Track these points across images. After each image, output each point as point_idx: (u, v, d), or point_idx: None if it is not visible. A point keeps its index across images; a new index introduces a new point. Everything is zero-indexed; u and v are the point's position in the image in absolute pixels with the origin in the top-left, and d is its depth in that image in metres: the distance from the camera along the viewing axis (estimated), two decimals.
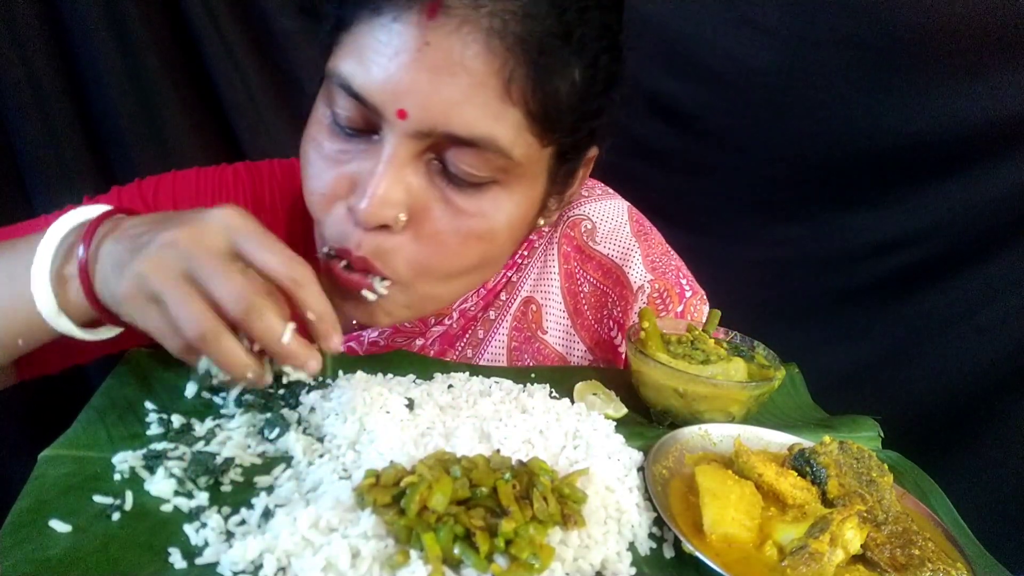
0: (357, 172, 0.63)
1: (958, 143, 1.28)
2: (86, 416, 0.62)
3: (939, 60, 1.23)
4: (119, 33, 1.11)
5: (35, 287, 0.57)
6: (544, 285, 0.87)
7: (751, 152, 1.37)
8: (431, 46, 0.57)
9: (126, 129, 1.16)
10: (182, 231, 0.53)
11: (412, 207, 0.63)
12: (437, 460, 0.54)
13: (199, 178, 0.85)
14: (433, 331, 0.86)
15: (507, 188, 0.65)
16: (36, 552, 0.47)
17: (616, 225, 0.89)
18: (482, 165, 0.62)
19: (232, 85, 1.21)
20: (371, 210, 0.61)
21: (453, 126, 0.59)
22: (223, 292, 0.52)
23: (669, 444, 0.66)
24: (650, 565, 0.54)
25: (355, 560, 0.47)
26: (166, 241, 0.53)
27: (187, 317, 0.52)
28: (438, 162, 0.63)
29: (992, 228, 1.32)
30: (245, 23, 1.19)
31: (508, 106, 0.59)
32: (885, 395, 1.44)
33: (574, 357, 0.88)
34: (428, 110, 0.59)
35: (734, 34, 1.27)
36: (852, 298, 1.45)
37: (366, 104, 0.60)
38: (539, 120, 0.61)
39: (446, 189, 0.64)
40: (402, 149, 0.61)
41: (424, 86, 0.58)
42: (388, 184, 0.61)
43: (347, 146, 0.64)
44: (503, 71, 0.58)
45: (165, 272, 0.52)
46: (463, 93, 0.58)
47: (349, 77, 0.60)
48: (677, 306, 0.88)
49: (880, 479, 0.62)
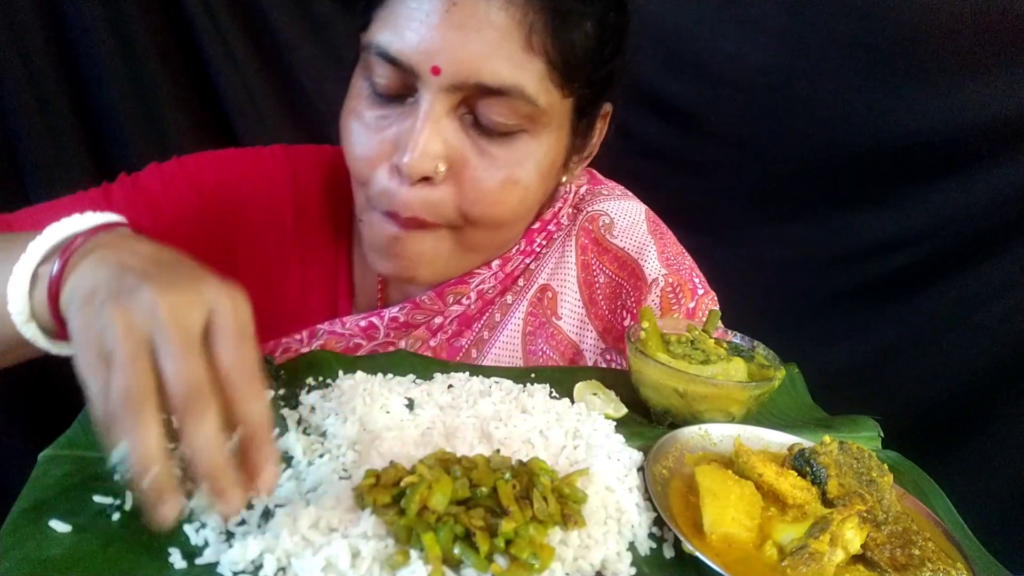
0: (397, 133, 0.69)
1: (958, 143, 1.28)
2: (86, 416, 0.62)
3: (939, 60, 1.23)
4: (119, 33, 1.11)
5: (11, 287, 0.53)
6: (561, 274, 0.90)
7: (751, 152, 1.37)
8: (457, 6, 0.64)
9: (126, 129, 1.16)
10: (166, 297, 0.45)
11: (450, 158, 0.69)
12: (437, 460, 0.54)
13: (238, 157, 0.89)
14: (452, 310, 0.88)
15: (535, 136, 0.71)
16: (36, 552, 0.47)
17: (633, 222, 0.92)
18: (511, 114, 0.68)
19: (232, 85, 1.21)
20: (414, 162, 0.66)
21: (483, 76, 0.65)
22: (172, 370, 0.44)
23: (669, 444, 0.66)
24: (650, 565, 0.54)
25: (355, 560, 0.47)
26: (146, 299, 0.45)
27: (122, 381, 0.43)
28: (471, 115, 0.69)
29: (992, 228, 1.32)
30: (245, 23, 1.19)
31: (531, 55, 0.65)
32: (885, 395, 1.44)
33: (586, 344, 0.90)
34: (459, 64, 0.64)
35: (734, 34, 1.27)
36: (852, 298, 1.45)
37: (403, 67, 0.66)
38: (559, 70, 0.67)
39: (480, 140, 0.70)
40: (438, 104, 0.66)
41: (454, 43, 0.64)
42: (427, 137, 0.66)
43: (386, 111, 0.70)
44: (524, 23, 0.64)
45: (129, 330, 0.44)
46: (489, 46, 0.64)
47: (386, 45, 0.66)
48: (689, 302, 0.90)
49: (880, 479, 0.62)
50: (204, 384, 0.45)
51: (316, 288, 0.90)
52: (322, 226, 0.90)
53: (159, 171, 0.85)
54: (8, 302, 0.53)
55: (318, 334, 0.88)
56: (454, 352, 0.89)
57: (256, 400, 0.47)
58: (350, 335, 0.87)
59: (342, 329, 0.87)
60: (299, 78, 1.25)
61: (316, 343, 0.87)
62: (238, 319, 0.48)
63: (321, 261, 0.90)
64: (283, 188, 0.88)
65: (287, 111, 1.28)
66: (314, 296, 0.90)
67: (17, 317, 0.54)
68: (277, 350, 0.88)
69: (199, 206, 0.84)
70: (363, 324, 0.86)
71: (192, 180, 0.84)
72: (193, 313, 0.46)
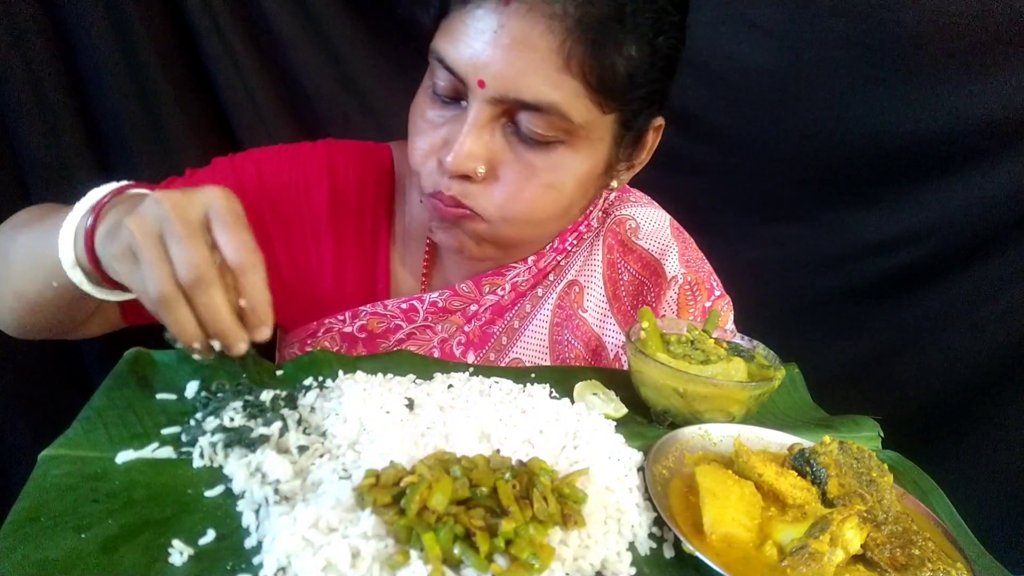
0: (448, 133, 0.76)
1: (958, 143, 1.27)
2: (86, 416, 0.62)
3: (938, 59, 1.23)
4: (119, 33, 1.10)
5: (61, 239, 0.65)
6: (588, 270, 0.97)
7: (750, 151, 1.37)
8: (505, 28, 0.70)
9: (126, 129, 1.15)
10: (169, 197, 0.57)
11: (490, 161, 0.76)
12: (437, 460, 0.54)
13: (281, 152, 0.95)
14: (486, 299, 0.95)
15: (572, 148, 0.77)
16: (36, 552, 0.47)
17: (658, 227, 1.00)
18: (548, 126, 0.74)
19: (232, 85, 1.21)
20: (456, 162, 0.74)
21: (522, 93, 0.71)
22: (179, 257, 0.56)
23: (669, 444, 0.67)
24: (650, 565, 0.54)
25: (355, 560, 0.47)
26: (151, 201, 0.57)
27: (151, 278, 0.56)
28: (512, 125, 0.75)
29: (991, 228, 1.31)
30: (245, 23, 1.19)
31: (568, 76, 0.71)
32: (885, 394, 1.44)
33: (608, 336, 0.96)
34: (502, 80, 0.71)
35: (734, 34, 1.27)
36: (851, 297, 1.45)
37: (455, 75, 0.73)
38: (597, 90, 0.72)
39: (519, 147, 0.76)
40: (482, 113, 0.73)
41: (499, 60, 0.70)
42: (470, 141, 0.73)
43: (443, 111, 0.78)
44: (563, 48, 0.69)
45: (143, 230, 0.56)
46: (530, 66, 0.70)
47: (443, 53, 0.73)
48: (706, 301, 0.96)
49: (880, 479, 0.62)
50: (208, 263, 0.56)
51: (352, 277, 0.96)
52: (360, 218, 0.96)
53: (215, 167, 0.92)
54: (59, 251, 0.65)
55: (360, 315, 0.94)
56: (487, 338, 0.96)
57: (253, 273, 0.58)
58: (391, 316, 0.94)
59: (384, 311, 0.94)
60: (299, 78, 1.24)
61: (358, 323, 0.94)
62: (231, 209, 0.59)
63: (358, 251, 0.96)
64: (319, 179, 0.94)
65: (287, 111, 1.27)
66: (350, 284, 0.96)
67: (66, 263, 0.66)
68: (319, 330, 0.95)
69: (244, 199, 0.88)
70: (404, 307, 0.94)
71: (238, 175, 0.91)
72: (192, 207, 0.57)
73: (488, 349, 0.95)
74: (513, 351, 0.95)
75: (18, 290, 0.74)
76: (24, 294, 0.74)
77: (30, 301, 0.74)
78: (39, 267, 0.70)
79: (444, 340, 0.95)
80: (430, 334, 0.95)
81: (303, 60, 1.23)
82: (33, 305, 0.74)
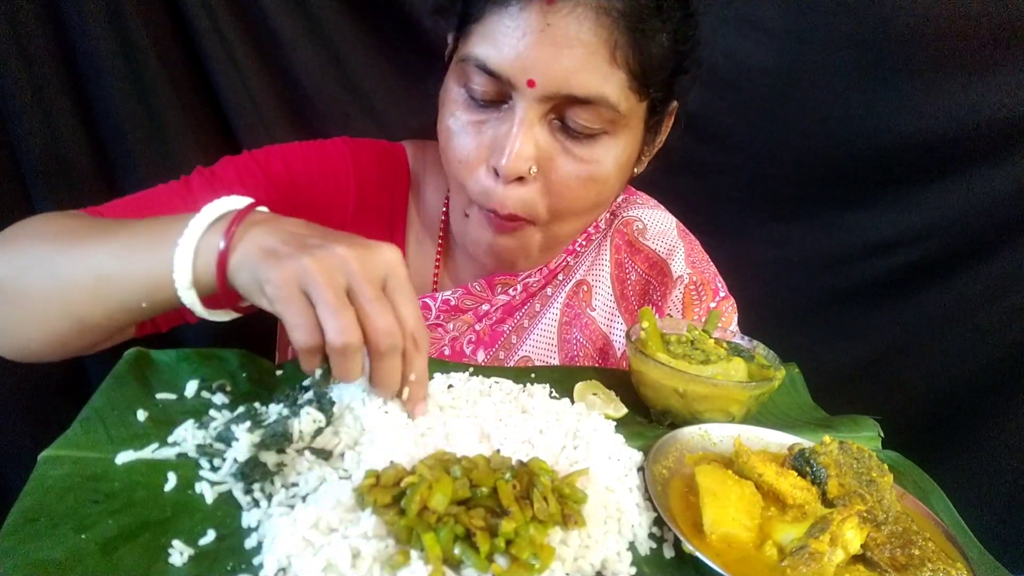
0: (494, 137, 0.77)
1: (958, 143, 1.27)
2: (86, 416, 0.62)
3: (939, 60, 1.23)
4: (120, 33, 1.10)
5: (178, 258, 0.61)
6: (596, 270, 0.99)
7: (750, 152, 1.37)
8: (551, 26, 0.71)
9: (127, 129, 1.15)
10: (353, 251, 0.58)
11: (540, 159, 0.77)
12: (437, 460, 0.54)
13: (304, 148, 0.95)
14: (498, 299, 0.96)
15: (615, 137, 0.79)
16: (36, 552, 0.47)
17: (665, 229, 1.02)
18: (595, 119, 0.75)
19: (232, 85, 1.20)
20: (511, 164, 0.74)
21: (573, 88, 0.72)
22: (379, 323, 0.57)
23: (669, 444, 0.67)
24: (650, 565, 0.54)
25: (355, 560, 0.47)
26: (338, 253, 0.57)
27: (341, 328, 0.56)
28: (558, 120, 0.76)
29: (992, 228, 1.31)
30: (245, 23, 1.19)
31: (615, 69, 0.73)
32: (885, 394, 1.44)
33: (615, 335, 0.97)
34: (552, 78, 0.72)
35: (734, 34, 1.27)
36: (852, 297, 1.45)
37: (500, 78, 0.73)
38: (638, 78, 0.74)
39: (566, 141, 0.77)
40: (532, 112, 0.74)
41: (548, 59, 0.71)
42: (522, 142, 0.74)
43: (483, 116, 0.78)
44: (609, 41, 0.71)
45: (331, 279, 0.56)
46: (579, 61, 0.71)
47: (485, 58, 0.74)
48: (711, 301, 0.98)
49: (880, 479, 0.62)
50: (399, 332, 0.59)
51: None
52: (379, 216, 0.97)
53: (233, 163, 0.91)
54: (174, 271, 0.61)
55: None
56: (497, 337, 0.97)
57: (421, 354, 0.62)
58: None
59: None
60: (299, 78, 1.24)
61: None
62: (405, 274, 0.61)
63: None
64: (347, 175, 0.95)
65: (287, 111, 1.27)
66: None
67: (180, 283, 0.61)
68: None
69: (271, 192, 0.90)
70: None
71: (264, 169, 0.90)
72: (378, 269, 0.59)
73: (498, 347, 0.96)
74: (522, 349, 0.96)
75: (77, 312, 0.66)
76: (86, 316, 0.66)
77: (91, 323, 0.67)
78: (121, 287, 0.64)
79: (455, 338, 0.96)
80: (441, 332, 0.96)
81: (303, 60, 1.23)
82: (93, 327, 0.68)
